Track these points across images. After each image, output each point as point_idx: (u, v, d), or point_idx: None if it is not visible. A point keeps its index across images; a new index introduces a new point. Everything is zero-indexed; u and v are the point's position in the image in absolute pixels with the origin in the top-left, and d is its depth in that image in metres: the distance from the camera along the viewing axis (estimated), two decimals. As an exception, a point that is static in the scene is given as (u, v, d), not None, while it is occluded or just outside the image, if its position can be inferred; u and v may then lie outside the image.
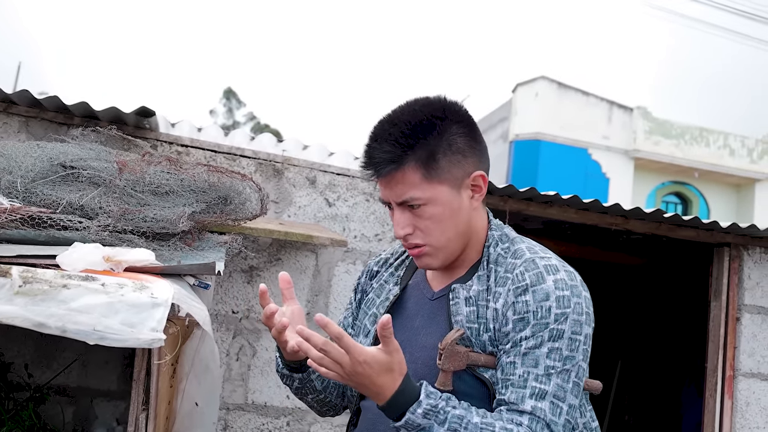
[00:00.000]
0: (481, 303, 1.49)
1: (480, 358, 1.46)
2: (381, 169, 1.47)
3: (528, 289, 1.44)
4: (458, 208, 1.50)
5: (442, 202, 1.48)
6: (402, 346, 1.51)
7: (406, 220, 1.50)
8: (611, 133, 19.08)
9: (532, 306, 1.42)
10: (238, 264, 3.39)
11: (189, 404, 2.08)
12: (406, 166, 1.46)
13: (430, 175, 1.47)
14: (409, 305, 1.63)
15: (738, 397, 4.09)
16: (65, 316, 1.65)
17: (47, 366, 3.19)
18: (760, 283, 4.17)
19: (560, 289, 1.43)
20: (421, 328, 1.57)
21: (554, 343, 1.41)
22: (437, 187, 1.48)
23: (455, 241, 1.52)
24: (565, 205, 3.84)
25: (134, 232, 2.28)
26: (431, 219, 1.49)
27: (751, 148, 19.89)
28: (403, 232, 1.51)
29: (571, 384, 1.42)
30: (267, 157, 3.53)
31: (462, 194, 1.51)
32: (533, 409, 1.38)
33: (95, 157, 2.48)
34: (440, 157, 1.47)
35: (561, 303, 1.42)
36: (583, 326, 1.44)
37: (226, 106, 33.85)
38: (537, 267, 1.46)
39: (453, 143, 1.48)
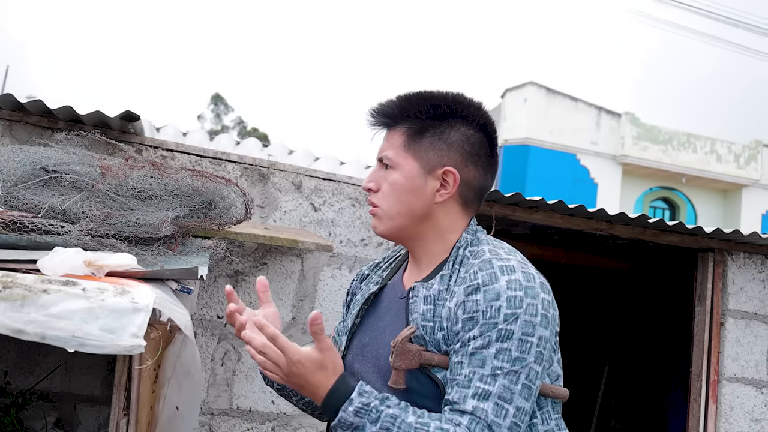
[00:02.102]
0: (439, 302, 1.48)
1: (434, 357, 1.44)
2: (378, 118, 1.59)
3: (480, 288, 1.41)
4: (418, 189, 1.53)
5: (406, 174, 1.53)
6: (371, 344, 1.56)
7: (376, 176, 1.58)
8: (599, 139, 19.17)
9: (481, 305, 1.40)
10: (223, 269, 3.38)
11: (170, 409, 2.07)
12: (397, 127, 1.56)
13: (409, 145, 1.53)
14: (383, 304, 1.64)
15: (722, 402, 4.10)
16: (45, 323, 1.64)
17: (30, 371, 3.17)
18: (744, 288, 4.19)
19: (513, 289, 1.40)
20: (386, 327, 1.57)
21: (502, 343, 1.38)
22: (409, 160, 1.53)
23: (405, 218, 1.55)
24: (550, 210, 3.85)
25: (117, 236, 2.28)
26: (392, 185, 1.54)
27: (738, 154, 20.02)
28: (367, 185, 1.58)
29: (521, 386, 1.38)
30: (252, 161, 3.52)
31: (428, 180, 1.53)
32: (474, 409, 1.35)
33: (78, 161, 2.47)
34: (427, 136, 1.53)
35: (512, 303, 1.39)
36: (536, 328, 1.40)
37: (214, 111, 33.83)
38: (492, 267, 1.44)
39: (446, 133, 1.54)
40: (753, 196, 20.37)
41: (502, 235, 5.16)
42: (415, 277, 1.61)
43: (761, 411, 4.17)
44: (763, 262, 4.25)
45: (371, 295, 1.66)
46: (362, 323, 1.66)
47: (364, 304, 1.66)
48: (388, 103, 1.58)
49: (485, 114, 1.58)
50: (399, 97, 1.58)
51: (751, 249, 4.21)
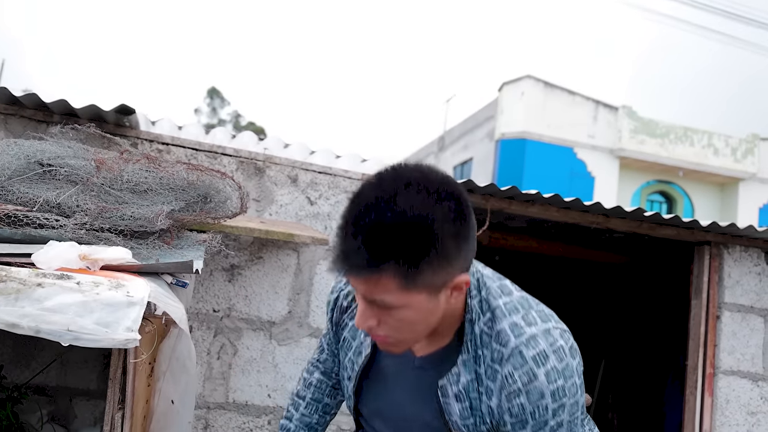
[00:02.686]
0: (472, 395, 1.42)
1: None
2: (354, 271, 1.28)
3: (521, 391, 1.37)
4: (433, 310, 1.35)
5: (416, 308, 1.32)
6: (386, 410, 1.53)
7: (372, 313, 1.35)
8: (597, 132, 19.17)
9: (528, 408, 1.37)
10: (219, 262, 3.38)
11: (165, 403, 2.07)
12: (382, 272, 1.26)
13: (408, 283, 1.27)
14: (390, 366, 1.54)
15: (718, 395, 4.11)
16: (39, 316, 1.63)
17: (25, 365, 3.17)
18: (740, 281, 4.20)
19: (553, 381, 1.36)
20: (406, 403, 1.51)
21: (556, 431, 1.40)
22: (414, 295, 1.30)
23: (424, 334, 1.40)
24: (546, 203, 3.85)
25: (112, 230, 2.27)
26: (401, 321, 1.34)
27: (735, 148, 20.03)
28: (366, 326, 1.37)
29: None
30: (248, 155, 3.51)
31: (440, 296, 1.34)
32: None
33: (73, 155, 2.46)
34: (424, 265, 1.26)
35: (556, 396, 1.37)
36: (578, 400, 1.40)
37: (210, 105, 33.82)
38: (525, 362, 1.37)
39: (440, 248, 1.26)
40: (750, 190, 20.39)
41: (498, 228, 5.16)
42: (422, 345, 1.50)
43: (757, 404, 4.18)
44: (759, 255, 4.25)
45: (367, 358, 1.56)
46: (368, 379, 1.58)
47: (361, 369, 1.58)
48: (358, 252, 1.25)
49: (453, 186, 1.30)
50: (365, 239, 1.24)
51: (747, 242, 4.21)
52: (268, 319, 3.44)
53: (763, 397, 4.19)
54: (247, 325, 3.41)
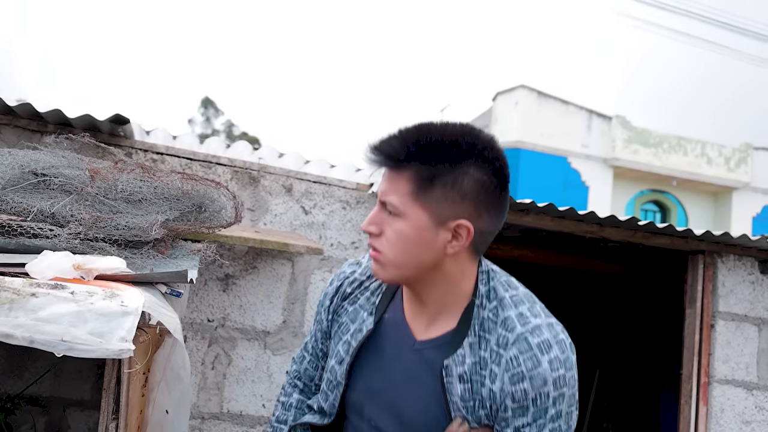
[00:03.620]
0: (475, 378, 1.44)
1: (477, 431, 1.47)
2: (380, 158, 1.40)
3: (525, 376, 1.40)
4: (428, 242, 1.40)
5: (414, 225, 1.39)
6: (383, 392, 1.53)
7: (377, 218, 1.43)
8: (590, 142, 19.23)
9: (530, 393, 1.39)
10: (213, 272, 3.37)
11: (159, 413, 2.06)
12: (403, 171, 1.38)
13: (418, 194, 1.37)
14: (388, 346, 1.55)
15: (713, 404, 4.12)
16: (33, 327, 1.62)
17: (19, 376, 3.15)
18: (734, 290, 4.21)
19: (555, 369, 1.40)
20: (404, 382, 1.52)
21: (554, 423, 1.42)
22: (417, 210, 1.38)
23: (411, 268, 1.43)
24: (541, 212, 3.86)
25: (106, 240, 2.26)
26: (397, 234, 1.40)
27: (728, 157, 20.11)
28: (368, 228, 1.44)
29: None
30: (243, 164, 3.52)
31: (439, 232, 1.39)
32: None
33: (67, 164, 2.46)
34: (438, 185, 1.36)
35: (557, 384, 1.40)
36: (575, 392, 1.44)
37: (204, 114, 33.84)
38: (530, 348, 1.41)
39: (459, 180, 1.36)
40: (743, 199, 20.46)
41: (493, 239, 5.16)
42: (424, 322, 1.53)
43: (751, 413, 4.18)
44: (752, 264, 4.26)
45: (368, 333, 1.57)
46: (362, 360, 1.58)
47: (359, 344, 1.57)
48: (391, 141, 1.39)
49: (497, 151, 1.41)
50: (403, 135, 1.38)
51: (741, 251, 4.22)
52: (263, 329, 3.44)
53: (757, 406, 4.20)
54: (241, 335, 3.41)
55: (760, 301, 4.25)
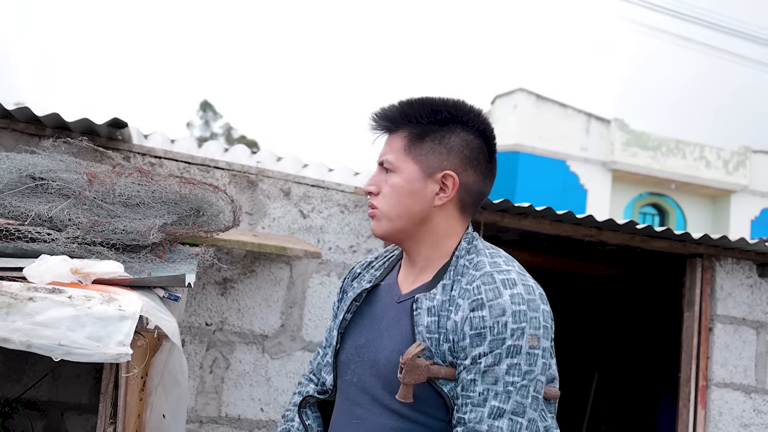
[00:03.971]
0: (442, 313, 1.49)
1: (440, 371, 1.47)
2: (379, 123, 1.62)
3: (484, 304, 1.44)
4: (418, 192, 1.56)
5: (406, 177, 1.56)
6: (368, 346, 1.59)
7: (376, 179, 1.61)
8: (589, 145, 19.23)
9: (488, 321, 1.43)
10: (211, 276, 3.37)
11: (157, 417, 2.06)
12: (398, 132, 1.59)
13: (410, 149, 1.56)
14: (379, 306, 1.65)
15: (711, 407, 4.12)
16: (30, 331, 1.63)
17: (17, 380, 3.15)
18: (732, 293, 4.21)
19: (516, 303, 1.44)
20: (384, 331, 1.59)
21: (512, 359, 1.41)
22: (409, 163, 1.56)
23: (404, 220, 1.58)
24: (539, 216, 3.86)
25: (104, 244, 2.26)
26: (392, 188, 1.57)
27: (727, 160, 20.12)
28: (368, 188, 1.62)
29: (530, 398, 1.43)
30: (241, 168, 3.52)
31: (428, 184, 1.56)
32: (490, 427, 1.40)
33: (65, 168, 2.46)
34: (428, 140, 1.56)
35: (517, 318, 1.42)
36: (540, 340, 1.44)
37: (203, 118, 33.84)
38: (494, 281, 1.47)
39: (446, 138, 1.57)
40: (742, 202, 20.46)
41: (491, 241, 5.15)
42: (410, 279, 1.63)
43: (750, 416, 4.18)
44: (750, 267, 4.27)
45: (363, 292, 1.68)
46: (355, 322, 1.68)
47: (356, 300, 1.68)
48: (390, 108, 1.61)
49: (485, 120, 1.61)
50: (401, 102, 1.61)
51: (739, 255, 4.23)
52: (261, 333, 3.44)
53: (756, 409, 4.20)
54: (239, 339, 3.40)
55: (758, 304, 4.26)
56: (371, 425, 1.54)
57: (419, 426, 1.50)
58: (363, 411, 1.56)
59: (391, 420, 1.51)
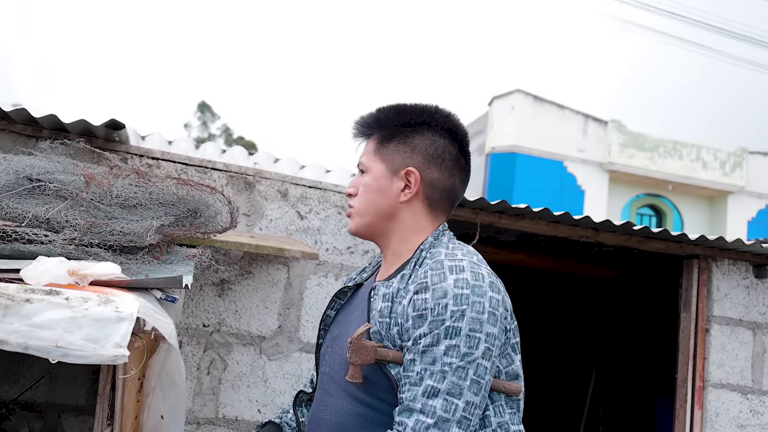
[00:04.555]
0: (396, 300, 1.55)
1: (389, 353, 1.51)
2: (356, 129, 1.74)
3: (428, 287, 1.48)
4: (384, 189, 1.66)
5: (375, 175, 1.67)
6: (339, 337, 1.67)
7: (355, 182, 1.72)
8: (586, 146, 19.25)
9: (429, 303, 1.47)
10: (209, 277, 3.37)
11: (154, 418, 2.06)
12: (371, 136, 1.71)
13: (378, 150, 1.68)
14: (355, 302, 1.74)
15: (708, 408, 4.12)
16: (27, 333, 1.62)
17: (14, 381, 3.15)
18: (728, 294, 4.22)
19: (459, 287, 1.47)
20: (352, 322, 1.66)
21: (451, 340, 1.44)
22: (377, 163, 1.67)
23: (372, 215, 1.67)
24: (536, 217, 3.87)
25: (101, 245, 2.26)
26: (364, 186, 1.68)
27: (724, 161, 20.15)
28: (348, 190, 1.73)
29: (469, 381, 1.44)
30: (238, 169, 3.52)
31: (393, 181, 1.65)
32: (423, 406, 1.42)
33: (62, 170, 2.46)
34: (394, 141, 1.67)
35: (458, 301, 1.45)
36: (484, 324, 1.46)
37: (201, 119, 33.79)
38: (442, 267, 1.51)
39: (411, 138, 1.66)
40: (739, 203, 20.49)
41: (488, 242, 5.17)
42: (383, 275, 1.70)
43: (746, 417, 4.19)
44: (747, 268, 4.28)
45: (347, 289, 1.77)
46: (335, 318, 1.77)
47: (338, 297, 1.78)
48: (366, 115, 1.72)
49: (454, 121, 1.70)
50: (377, 109, 1.71)
51: (736, 256, 4.23)
52: (258, 334, 3.44)
53: (752, 410, 4.21)
54: (237, 340, 3.40)
55: (755, 305, 4.26)
56: (333, 410, 1.61)
57: (371, 410, 1.54)
58: (329, 397, 1.64)
59: (347, 404, 1.57)
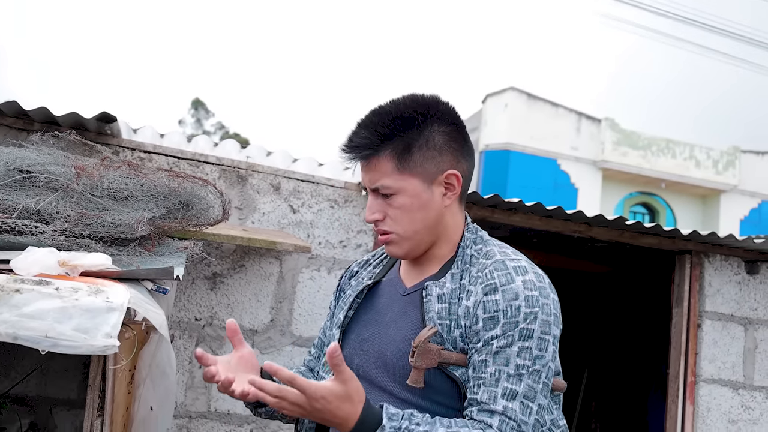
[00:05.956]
0: (453, 300, 1.50)
1: (452, 356, 1.47)
2: (357, 153, 1.54)
3: (498, 288, 1.45)
4: (428, 202, 1.54)
5: (411, 193, 1.53)
6: (372, 339, 1.58)
7: (377, 206, 1.56)
8: (580, 144, 19.28)
9: (501, 305, 1.44)
10: (201, 271, 3.36)
11: (144, 409, 2.05)
12: (381, 154, 1.52)
13: (403, 166, 1.52)
14: (382, 301, 1.65)
15: (699, 403, 4.13)
16: (17, 323, 1.61)
17: (5, 375, 3.13)
18: (720, 290, 4.23)
19: (529, 289, 1.45)
20: (391, 323, 1.58)
21: (524, 342, 1.42)
22: (408, 179, 1.52)
23: (422, 233, 1.56)
24: (529, 212, 3.87)
25: (92, 236, 2.25)
26: (400, 209, 1.54)
27: (717, 160, 20.21)
28: (372, 218, 1.57)
29: (541, 384, 1.44)
30: (231, 163, 3.51)
31: (434, 190, 1.54)
32: (504, 409, 1.40)
33: (53, 161, 2.45)
34: (415, 150, 1.52)
35: (530, 303, 1.44)
36: (551, 327, 1.46)
37: (195, 116, 33.70)
38: (506, 268, 1.49)
39: (431, 139, 1.53)
40: (731, 202, 20.56)
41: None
42: (415, 274, 1.63)
43: (738, 412, 4.20)
44: (739, 264, 4.29)
45: (365, 289, 1.67)
46: (358, 318, 1.66)
47: (357, 297, 1.67)
48: (360, 134, 1.54)
49: (447, 105, 1.60)
50: (367, 124, 1.55)
51: (728, 251, 4.24)
52: (251, 328, 3.43)
53: (743, 405, 4.22)
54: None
55: (747, 300, 4.27)
56: None
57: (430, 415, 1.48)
58: None
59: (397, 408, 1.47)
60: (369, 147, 1.52)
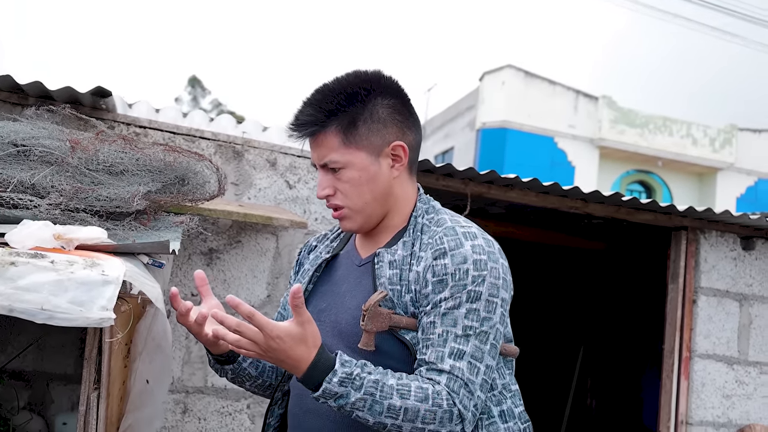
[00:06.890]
0: (404, 267, 1.55)
1: (402, 320, 1.51)
2: (303, 130, 1.58)
3: (447, 252, 1.50)
4: (376, 175, 1.58)
5: (359, 167, 1.57)
6: (329, 309, 1.62)
7: (327, 181, 1.60)
8: (577, 122, 19.25)
9: (450, 268, 1.48)
10: (197, 246, 3.36)
11: (141, 383, 2.06)
12: (327, 130, 1.56)
13: (349, 140, 1.56)
14: (339, 273, 1.69)
15: (694, 378, 4.16)
16: (12, 295, 1.61)
17: (2, 350, 3.14)
18: (716, 266, 4.24)
19: (477, 253, 1.49)
20: (347, 293, 1.63)
21: (472, 304, 1.46)
22: (355, 153, 1.56)
23: (372, 205, 1.60)
24: (525, 188, 3.86)
25: (87, 210, 2.25)
26: (349, 182, 1.58)
27: (713, 138, 20.19)
28: (323, 193, 1.61)
29: (489, 345, 1.48)
30: (227, 138, 3.49)
31: (381, 162, 1.59)
32: (451, 368, 1.43)
33: (48, 135, 2.43)
34: (360, 124, 1.56)
35: (478, 266, 1.48)
36: (500, 290, 1.49)
37: (192, 93, 33.59)
38: (456, 233, 1.52)
39: (375, 113, 1.57)
40: (728, 180, 20.57)
41: (477, 214, 5.17)
42: (369, 245, 1.67)
43: (732, 387, 4.23)
44: (735, 240, 4.30)
45: (323, 262, 1.71)
46: (316, 290, 1.71)
47: (316, 271, 1.71)
48: (306, 112, 1.58)
49: (390, 78, 1.63)
50: (312, 101, 1.59)
51: (723, 228, 4.25)
52: (247, 303, 3.43)
53: (738, 380, 4.25)
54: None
55: (742, 277, 4.29)
56: None
57: None
58: None
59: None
60: (315, 123, 1.56)
